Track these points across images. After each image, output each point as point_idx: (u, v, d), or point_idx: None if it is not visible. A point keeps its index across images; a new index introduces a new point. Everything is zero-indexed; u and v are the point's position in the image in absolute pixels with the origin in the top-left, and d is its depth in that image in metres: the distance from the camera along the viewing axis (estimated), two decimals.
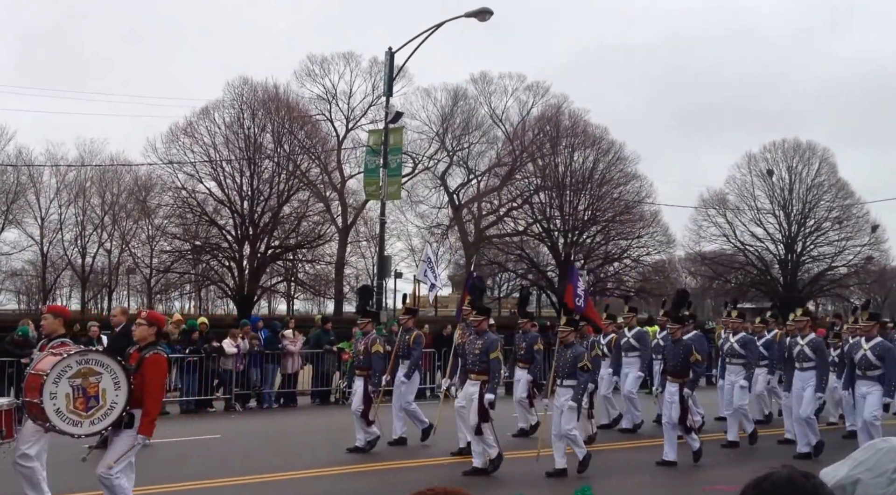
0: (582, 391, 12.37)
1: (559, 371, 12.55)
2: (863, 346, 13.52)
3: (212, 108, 46.94)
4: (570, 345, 12.59)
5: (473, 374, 12.63)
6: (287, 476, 12.29)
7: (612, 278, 53.11)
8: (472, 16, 28.33)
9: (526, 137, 52.73)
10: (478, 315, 12.96)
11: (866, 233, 55.12)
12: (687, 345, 13.55)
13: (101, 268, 57.45)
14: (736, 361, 15.44)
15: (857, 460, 2.19)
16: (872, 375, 13.29)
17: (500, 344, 13.11)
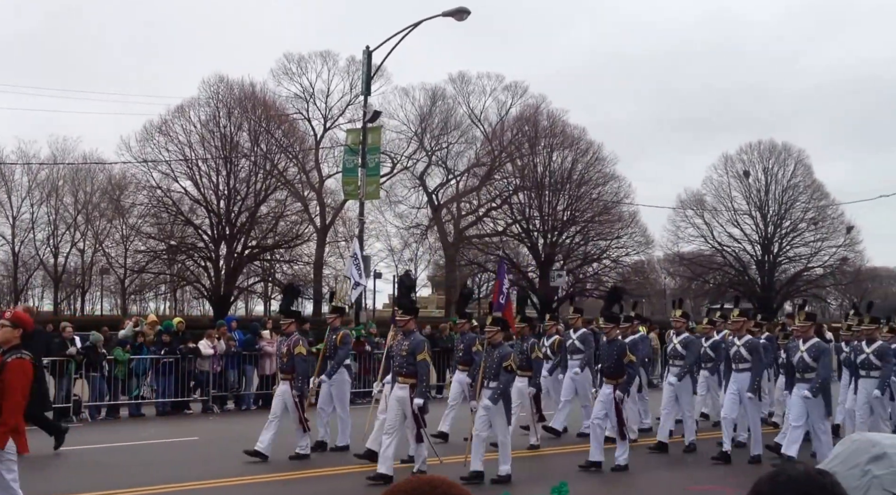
0: (500, 392, 11.80)
1: (486, 372, 12.06)
2: (800, 348, 13.11)
3: (187, 106, 46.58)
4: (498, 345, 12.07)
5: (401, 377, 12.05)
6: (265, 478, 12.04)
7: (592, 279, 53.13)
8: (449, 15, 28.13)
9: (505, 137, 52.64)
10: (404, 314, 12.34)
11: (841, 234, 55.51)
12: (621, 345, 13.19)
13: (74, 268, 56.91)
14: (679, 363, 15.05)
15: (834, 453, 2.20)
16: (810, 377, 12.87)
17: (428, 345, 12.58)
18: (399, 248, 54.85)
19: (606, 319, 13.61)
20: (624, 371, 13.01)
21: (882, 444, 2.14)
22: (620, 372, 13.01)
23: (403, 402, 11.82)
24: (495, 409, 11.73)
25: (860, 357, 14.18)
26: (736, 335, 14.25)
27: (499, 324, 12.39)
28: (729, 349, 14.16)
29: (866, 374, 14.06)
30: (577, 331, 16.47)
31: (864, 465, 2.12)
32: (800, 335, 13.30)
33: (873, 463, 2.12)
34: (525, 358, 14.90)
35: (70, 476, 12.01)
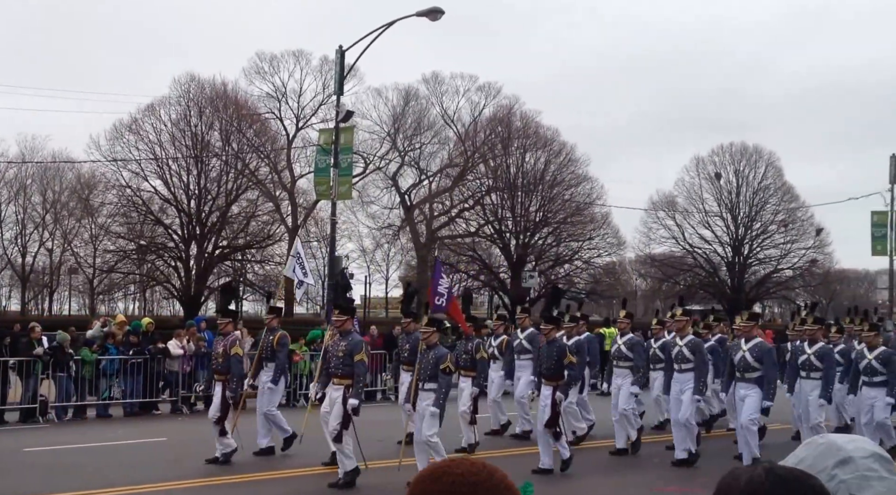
0: (444, 395, 11.56)
1: (421, 374, 11.80)
2: (742, 347, 12.94)
3: (158, 105, 46.28)
4: (433, 346, 11.80)
5: (336, 378, 11.81)
6: (234, 479, 11.93)
7: (563, 280, 53.20)
8: (422, 15, 28.08)
9: (478, 138, 52.61)
10: (341, 314, 12.07)
11: (811, 237, 55.93)
12: (561, 346, 12.94)
13: (42, 267, 56.33)
14: (623, 364, 14.84)
15: (798, 457, 2.17)
16: (751, 377, 12.74)
17: (366, 346, 12.34)
18: (371, 249, 54.73)
19: (546, 320, 13.33)
20: (564, 372, 12.76)
21: (846, 449, 2.14)
22: (560, 374, 12.75)
23: (336, 403, 11.61)
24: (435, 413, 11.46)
25: (801, 357, 14.06)
26: (678, 335, 13.99)
27: (434, 324, 12.10)
28: (671, 349, 13.97)
29: (806, 375, 13.95)
30: (525, 331, 16.13)
31: (831, 469, 2.10)
32: (742, 334, 13.19)
33: (839, 468, 2.11)
34: (469, 358, 14.76)
35: (36, 477, 11.84)
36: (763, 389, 12.63)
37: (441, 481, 1.81)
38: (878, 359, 13.79)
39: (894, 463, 2.19)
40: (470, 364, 14.70)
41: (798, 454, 2.19)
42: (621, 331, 15.24)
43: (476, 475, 1.81)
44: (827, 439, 2.20)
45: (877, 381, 13.79)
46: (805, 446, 2.22)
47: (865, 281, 78.88)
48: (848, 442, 2.18)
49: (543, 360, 13.08)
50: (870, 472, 2.11)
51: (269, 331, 14.42)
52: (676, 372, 13.72)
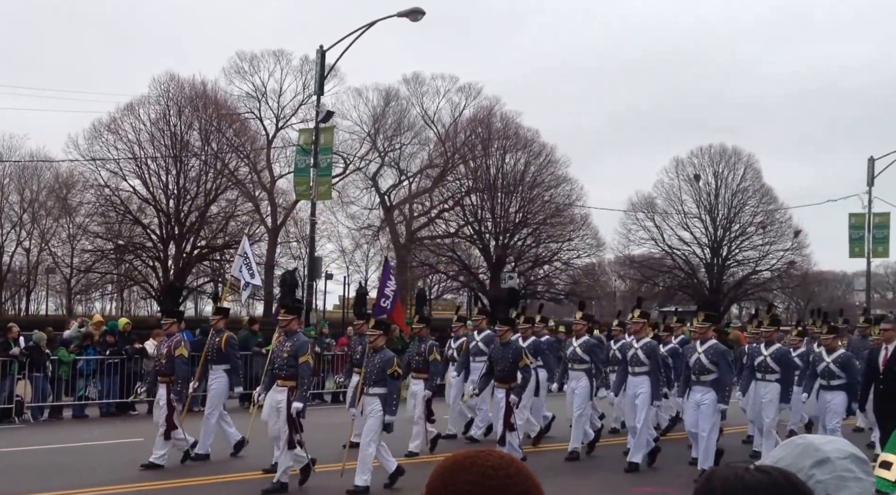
0: (394, 401, 11.25)
1: (367, 377, 11.50)
2: (697, 350, 12.63)
3: (137, 104, 46.06)
4: (380, 349, 11.51)
5: (280, 380, 11.49)
6: (211, 480, 11.90)
7: (543, 281, 53.33)
8: (403, 15, 28.14)
9: (458, 139, 52.62)
10: (286, 313, 11.76)
11: (789, 239, 56.16)
12: (516, 348, 12.75)
13: (19, 267, 55.91)
14: (578, 367, 14.57)
15: (775, 458, 2.18)
16: (706, 380, 12.47)
17: (312, 346, 11.98)
18: (350, 249, 54.62)
19: (502, 322, 13.07)
20: (518, 375, 12.47)
21: (824, 450, 2.16)
22: (514, 376, 12.50)
23: (279, 406, 11.35)
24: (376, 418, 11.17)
25: (758, 359, 13.77)
26: (635, 337, 13.75)
27: (381, 327, 11.84)
28: (626, 352, 13.65)
29: (762, 377, 13.62)
30: (482, 333, 15.92)
31: (808, 470, 2.12)
32: (698, 336, 12.92)
33: (817, 468, 2.13)
34: (422, 360, 14.43)
35: (11, 478, 11.77)
36: (718, 392, 12.38)
37: (471, 471, 1.78)
38: (837, 362, 13.56)
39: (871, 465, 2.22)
40: (423, 366, 14.38)
41: (776, 454, 2.20)
42: (577, 334, 14.95)
43: (506, 468, 1.79)
44: (805, 440, 2.22)
45: (835, 385, 13.52)
46: (783, 446, 2.24)
47: (843, 282, 79.43)
48: (826, 443, 2.20)
49: (497, 362, 12.84)
50: (847, 473, 2.13)
51: (216, 332, 14.00)
52: (630, 376, 13.48)
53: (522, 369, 12.56)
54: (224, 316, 14.59)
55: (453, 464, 1.82)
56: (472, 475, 1.77)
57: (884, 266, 72.60)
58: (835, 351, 13.72)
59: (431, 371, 14.32)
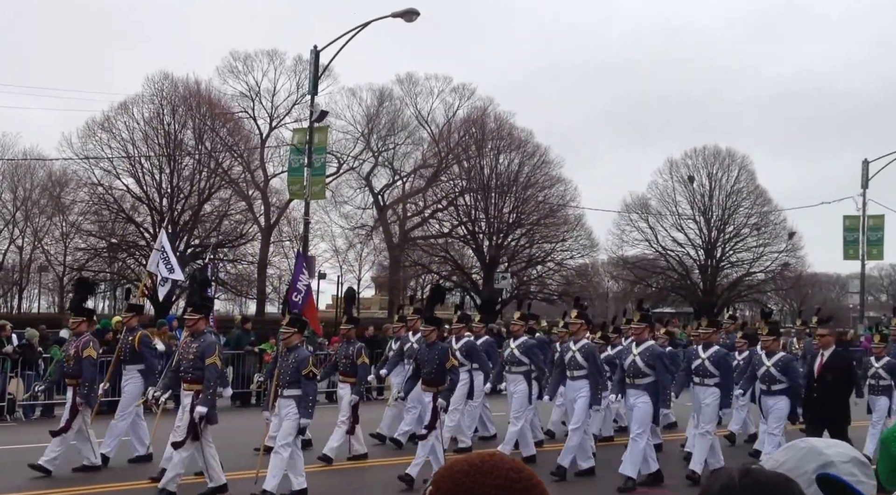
0: (309, 403, 10.67)
1: (280, 378, 10.88)
2: (632, 352, 12.05)
3: (130, 103, 46.06)
4: (294, 348, 10.93)
5: (186, 383, 10.91)
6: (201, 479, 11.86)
7: (536, 281, 53.35)
8: (398, 16, 28.13)
9: (451, 139, 52.65)
10: (193, 312, 11.15)
11: (783, 240, 56.20)
12: (443, 350, 12.00)
13: (12, 265, 55.80)
14: (516, 370, 13.89)
15: (777, 461, 2.19)
16: (641, 384, 11.95)
17: (220, 347, 11.32)
18: (344, 249, 54.59)
19: (427, 321, 12.34)
20: (445, 377, 11.75)
21: (827, 454, 2.16)
22: (441, 379, 11.78)
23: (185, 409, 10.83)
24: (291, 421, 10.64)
25: (695, 362, 12.90)
26: (571, 339, 13.16)
27: (295, 324, 11.19)
28: (564, 355, 13.04)
29: (700, 381, 12.80)
30: (417, 334, 14.86)
31: (812, 474, 2.12)
32: (635, 337, 12.45)
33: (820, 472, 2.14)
34: (350, 363, 13.63)
35: (2, 476, 11.73)
36: (654, 396, 11.82)
37: (493, 474, 1.76)
38: (777, 366, 12.74)
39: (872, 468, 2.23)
40: (350, 369, 13.61)
41: (778, 458, 2.21)
42: (515, 335, 14.28)
43: (523, 471, 1.79)
44: (808, 443, 2.22)
45: (776, 390, 12.75)
46: (785, 450, 2.23)
47: (837, 285, 79.60)
48: (828, 447, 2.20)
49: (424, 364, 12.12)
50: (850, 477, 2.13)
51: (129, 330, 13.32)
52: (570, 380, 12.85)
53: (450, 371, 11.78)
54: (137, 313, 13.94)
55: (471, 468, 1.77)
56: (496, 479, 1.75)
57: (878, 268, 72.72)
58: (775, 354, 12.93)
59: (359, 374, 13.57)
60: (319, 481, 11.70)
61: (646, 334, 12.33)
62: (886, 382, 14.42)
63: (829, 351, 12.36)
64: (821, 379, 12.05)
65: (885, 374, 14.41)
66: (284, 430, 10.64)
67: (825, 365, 12.15)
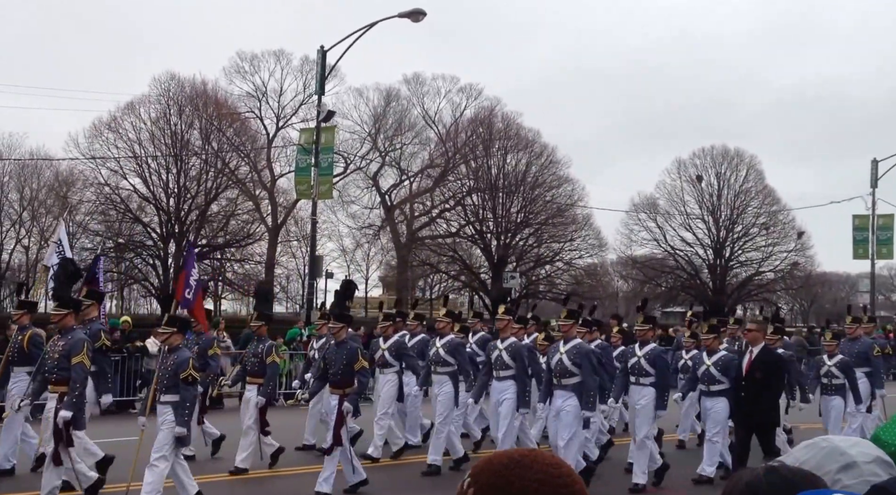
0: (187, 410, 9.81)
1: (160, 382, 10.06)
2: (559, 350, 11.38)
3: (137, 103, 46.07)
4: (175, 349, 10.08)
5: (52, 384, 10.08)
6: (209, 479, 11.76)
7: (544, 281, 53.26)
8: (405, 16, 28.11)
9: (459, 139, 52.62)
10: (59, 307, 10.23)
11: (792, 240, 56.06)
12: (351, 349, 11.16)
13: (19, 264, 55.84)
14: (441, 371, 13.09)
15: (799, 460, 2.14)
16: (568, 384, 11.20)
17: (89, 345, 10.32)
18: (351, 249, 54.59)
19: (336, 318, 11.55)
20: (353, 379, 10.96)
21: (850, 453, 2.13)
22: (350, 381, 10.98)
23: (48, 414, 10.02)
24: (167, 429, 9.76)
25: (632, 361, 12.23)
26: (501, 337, 12.45)
27: (175, 324, 10.39)
28: (491, 353, 12.47)
29: (636, 381, 12.13)
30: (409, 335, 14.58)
31: (835, 474, 2.08)
32: (562, 336, 11.76)
33: (843, 473, 2.09)
34: (259, 362, 12.82)
35: (6, 475, 11.61)
36: (582, 398, 11.13)
37: (533, 469, 1.77)
38: (717, 365, 12.09)
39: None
40: (258, 369, 12.76)
41: (799, 456, 2.17)
42: (440, 333, 13.51)
43: (562, 466, 1.81)
44: (830, 442, 2.18)
45: (715, 391, 12.09)
46: (806, 448, 2.19)
47: (847, 284, 79.35)
48: (851, 446, 2.16)
49: (331, 364, 11.32)
50: (873, 477, 2.08)
51: (19, 329, 12.51)
52: (495, 380, 12.23)
53: (359, 372, 10.97)
54: (29, 310, 12.85)
55: (512, 462, 1.79)
56: (537, 473, 1.76)
57: (888, 267, 72.41)
58: (716, 353, 12.27)
59: (268, 375, 12.70)
60: None
61: (572, 332, 11.56)
62: (839, 381, 13.61)
63: (758, 347, 11.44)
64: (749, 378, 11.26)
65: (839, 373, 13.63)
66: (160, 441, 9.73)
67: (754, 362, 11.30)
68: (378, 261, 56.28)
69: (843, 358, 13.86)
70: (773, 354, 11.66)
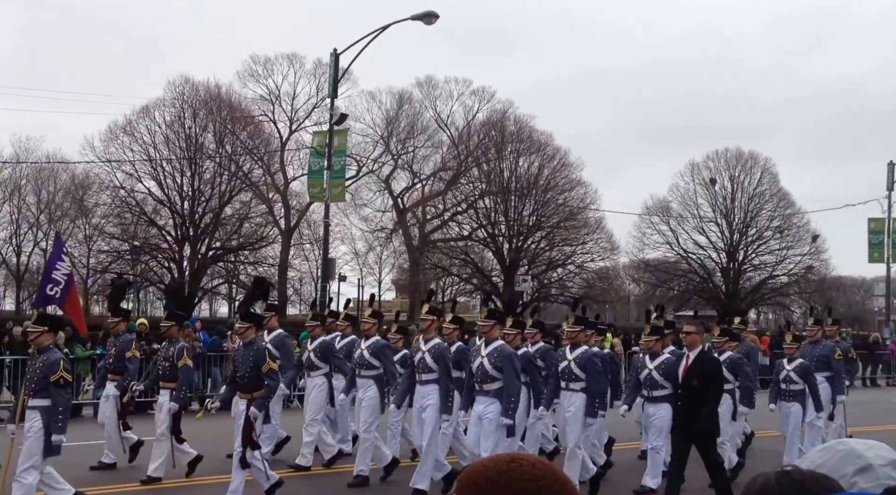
0: (60, 415, 9.13)
1: (28, 385, 9.46)
2: (481, 353, 10.76)
3: (152, 107, 46.27)
4: (45, 349, 9.43)
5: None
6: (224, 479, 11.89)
7: (556, 284, 53.21)
8: (417, 19, 28.18)
9: (471, 142, 52.65)
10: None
11: (806, 243, 55.74)
12: (259, 349, 10.52)
13: (37, 267, 56.24)
14: (366, 374, 12.54)
15: (815, 463, 2.14)
16: (490, 389, 10.58)
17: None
18: (364, 252, 54.74)
19: (243, 317, 10.88)
20: (261, 382, 10.26)
21: (866, 456, 2.13)
22: (258, 384, 10.28)
23: None
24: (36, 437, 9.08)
25: (562, 364, 11.58)
26: (424, 339, 11.52)
27: (45, 322, 9.71)
28: (413, 356, 11.65)
29: (566, 386, 11.52)
30: (271, 333, 13.64)
31: (851, 477, 2.09)
32: (483, 334, 11.05)
33: (859, 476, 2.10)
34: (170, 365, 12.22)
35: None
36: (503, 403, 10.43)
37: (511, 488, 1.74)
38: (660, 369, 11.48)
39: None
40: (170, 373, 12.04)
41: (815, 459, 2.17)
42: (366, 334, 12.84)
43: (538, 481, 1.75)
44: (846, 445, 2.18)
45: (657, 396, 11.40)
46: (823, 451, 2.20)
47: (862, 288, 79.00)
48: (868, 449, 2.16)
49: (238, 366, 10.66)
50: (889, 481, 2.08)
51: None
52: (419, 385, 11.32)
53: (267, 375, 10.25)
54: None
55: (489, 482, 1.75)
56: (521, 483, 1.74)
57: None
58: (658, 356, 11.65)
59: (180, 379, 11.94)
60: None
61: (493, 333, 11.00)
62: (798, 387, 12.84)
63: (695, 352, 10.55)
64: (685, 385, 10.43)
65: (797, 378, 12.85)
66: (28, 450, 9.08)
67: (690, 368, 10.44)
68: (390, 264, 56.49)
69: (802, 362, 13.07)
70: (710, 359, 10.86)
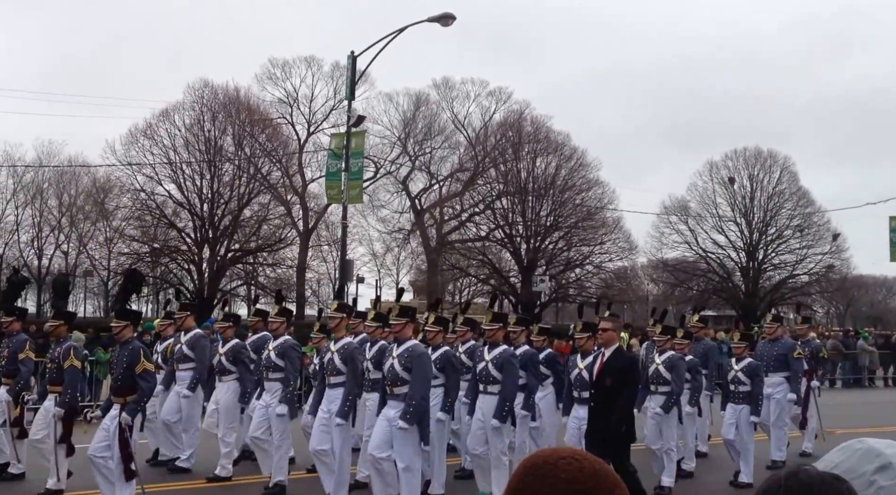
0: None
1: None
2: (393, 354, 10.05)
3: (172, 110, 46.63)
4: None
5: None
6: (250, 480, 11.99)
7: (574, 284, 53.12)
8: (434, 20, 28.23)
9: (488, 143, 52.65)
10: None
11: (827, 242, 55.26)
12: (133, 349, 9.76)
13: (58, 269, 56.75)
14: (273, 376, 11.70)
15: (832, 462, 2.14)
16: (400, 392, 9.77)
17: None
18: (381, 253, 54.87)
19: (118, 315, 10.14)
20: (134, 386, 9.54)
21: (885, 454, 2.11)
22: (131, 388, 9.55)
23: None
24: None
25: (479, 365, 10.98)
26: (334, 338, 10.97)
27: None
28: (324, 356, 11.02)
29: (483, 389, 10.89)
30: (188, 333, 13.16)
31: (870, 475, 2.07)
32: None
33: (879, 474, 2.07)
34: (57, 368, 11.40)
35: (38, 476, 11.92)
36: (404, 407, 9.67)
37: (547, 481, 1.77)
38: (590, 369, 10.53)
39: None
40: (57, 375, 11.25)
41: (832, 459, 2.16)
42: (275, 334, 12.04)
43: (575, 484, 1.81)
44: (865, 443, 2.16)
45: (586, 397, 10.30)
46: (840, 450, 2.18)
47: (884, 287, 78.49)
48: (887, 447, 2.14)
49: (113, 368, 9.95)
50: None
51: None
52: (328, 388, 10.73)
53: (140, 377, 9.52)
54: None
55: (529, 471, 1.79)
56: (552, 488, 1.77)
57: None
58: (588, 354, 10.93)
59: (66, 382, 11.03)
60: None
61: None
62: (746, 388, 12.24)
63: (610, 350, 9.78)
64: (598, 385, 9.68)
65: (745, 379, 12.25)
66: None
67: (604, 368, 9.69)
68: (408, 265, 56.53)
69: (751, 362, 12.55)
70: (626, 358, 10.04)
